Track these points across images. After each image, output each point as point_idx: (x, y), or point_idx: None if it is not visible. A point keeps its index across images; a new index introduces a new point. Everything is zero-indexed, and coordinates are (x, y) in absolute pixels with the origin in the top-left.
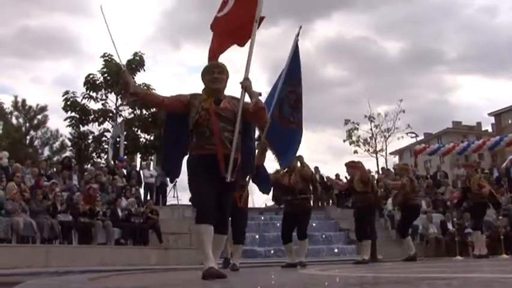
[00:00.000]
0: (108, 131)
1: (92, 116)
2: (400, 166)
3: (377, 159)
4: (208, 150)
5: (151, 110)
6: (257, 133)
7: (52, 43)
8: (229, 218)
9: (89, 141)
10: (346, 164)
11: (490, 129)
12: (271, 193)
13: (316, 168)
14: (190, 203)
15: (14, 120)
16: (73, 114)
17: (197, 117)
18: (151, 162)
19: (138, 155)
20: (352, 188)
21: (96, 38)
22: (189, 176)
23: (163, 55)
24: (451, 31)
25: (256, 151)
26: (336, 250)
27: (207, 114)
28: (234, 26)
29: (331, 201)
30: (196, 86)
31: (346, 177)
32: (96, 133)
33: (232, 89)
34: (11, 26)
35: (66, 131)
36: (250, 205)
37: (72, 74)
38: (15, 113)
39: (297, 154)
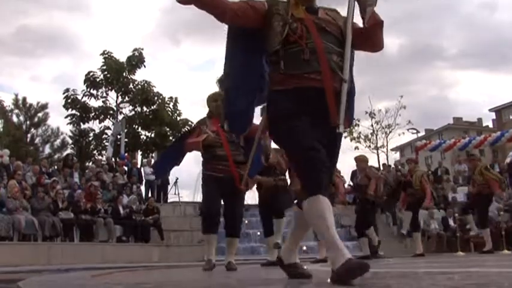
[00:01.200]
0: (108, 128)
1: (93, 114)
2: (360, 158)
3: (378, 155)
4: (309, 82)
5: (152, 107)
6: None
7: (51, 41)
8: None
9: (90, 138)
10: None
11: (490, 125)
12: None
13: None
14: (191, 200)
15: (14, 118)
16: (74, 112)
17: (287, 31)
18: (152, 160)
19: (139, 152)
20: None
21: (95, 36)
22: (276, 125)
23: (163, 52)
24: (451, 27)
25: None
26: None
27: (302, 26)
28: None
29: None
30: (197, 84)
31: None
32: (97, 131)
33: None
34: (10, 24)
35: (66, 128)
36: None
37: (71, 72)
38: (16, 111)
39: None
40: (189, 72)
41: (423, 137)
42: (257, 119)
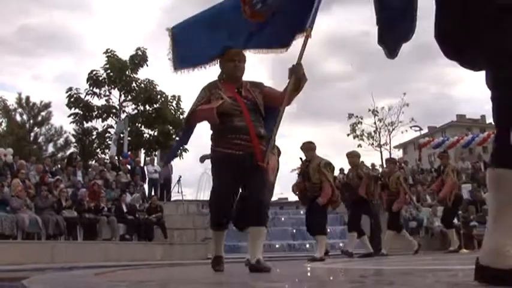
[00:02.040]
0: (111, 127)
1: (96, 112)
2: (352, 153)
3: (381, 153)
4: None
5: (155, 106)
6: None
7: (53, 41)
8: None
9: (93, 137)
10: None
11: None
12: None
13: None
14: (194, 199)
15: (18, 117)
16: (77, 110)
17: None
18: (155, 158)
19: (142, 151)
20: (307, 174)
21: (96, 35)
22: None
23: (164, 51)
24: None
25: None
26: (341, 244)
27: None
28: None
29: None
30: (199, 83)
31: (301, 158)
32: (100, 129)
33: None
34: (11, 24)
35: (70, 127)
36: None
37: (73, 71)
38: (19, 110)
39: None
40: (190, 71)
41: (426, 134)
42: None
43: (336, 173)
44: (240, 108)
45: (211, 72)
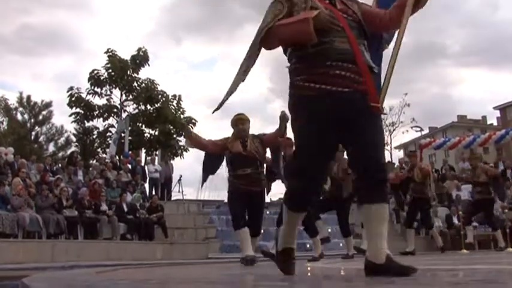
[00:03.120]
0: (112, 126)
1: (97, 112)
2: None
3: None
4: None
5: (156, 105)
6: None
7: (53, 40)
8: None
9: (94, 136)
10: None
11: (495, 123)
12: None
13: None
14: (194, 198)
15: (19, 117)
16: (78, 110)
17: None
18: (156, 158)
19: (143, 150)
20: None
21: (96, 34)
22: None
23: (164, 51)
24: (454, 25)
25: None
26: (341, 244)
27: None
28: None
29: None
30: (198, 83)
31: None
32: (101, 129)
33: None
34: (12, 23)
35: (71, 126)
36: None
37: (73, 70)
38: (20, 109)
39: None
40: (190, 71)
41: (427, 135)
42: None
43: None
44: (341, 23)
45: None
